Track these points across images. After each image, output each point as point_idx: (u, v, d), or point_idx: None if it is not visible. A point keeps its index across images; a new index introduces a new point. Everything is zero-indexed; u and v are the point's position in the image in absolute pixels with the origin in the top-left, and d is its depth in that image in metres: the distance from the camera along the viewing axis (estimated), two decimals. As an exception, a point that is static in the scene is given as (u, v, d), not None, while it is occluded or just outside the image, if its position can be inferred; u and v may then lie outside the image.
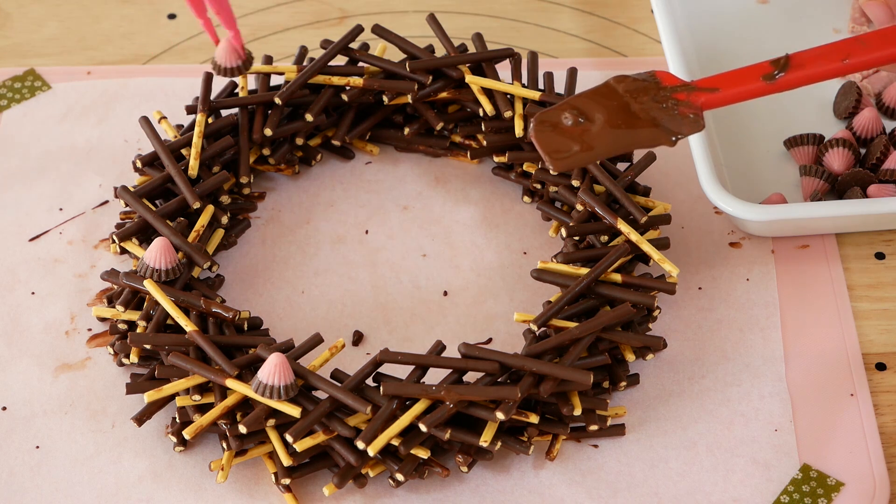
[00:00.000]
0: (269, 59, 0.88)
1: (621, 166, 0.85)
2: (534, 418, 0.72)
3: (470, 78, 0.85)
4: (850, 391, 0.77)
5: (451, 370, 0.73)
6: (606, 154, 0.66)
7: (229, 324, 0.76)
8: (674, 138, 0.65)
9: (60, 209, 0.85)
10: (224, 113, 0.85)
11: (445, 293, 0.82)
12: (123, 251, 0.80)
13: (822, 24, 0.96)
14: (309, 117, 0.84)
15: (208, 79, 0.84)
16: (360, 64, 0.86)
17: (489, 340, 0.79)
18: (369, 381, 0.74)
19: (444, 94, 0.86)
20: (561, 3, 0.99)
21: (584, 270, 0.77)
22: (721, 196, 0.81)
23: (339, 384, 0.72)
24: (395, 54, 0.88)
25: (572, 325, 0.75)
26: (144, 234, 0.80)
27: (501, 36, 0.96)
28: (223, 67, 0.82)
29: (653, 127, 0.65)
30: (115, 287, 0.78)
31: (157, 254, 0.76)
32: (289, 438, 0.70)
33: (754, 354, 0.79)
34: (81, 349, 0.79)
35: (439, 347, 0.74)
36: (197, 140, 0.81)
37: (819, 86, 0.90)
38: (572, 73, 0.86)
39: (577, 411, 0.73)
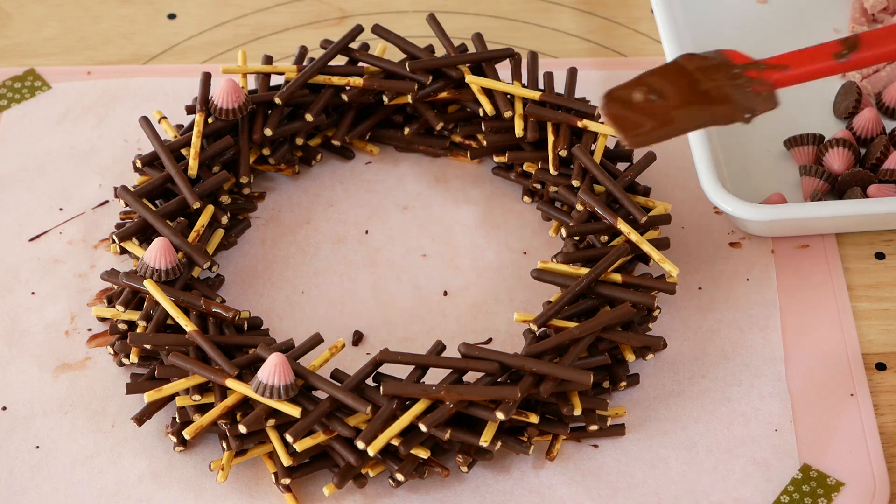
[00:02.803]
0: (269, 59, 0.88)
1: (621, 166, 0.85)
2: (534, 418, 0.72)
3: (470, 78, 0.85)
4: (850, 391, 0.77)
5: (451, 370, 0.73)
6: (683, 130, 0.65)
7: (229, 324, 0.76)
8: (747, 115, 0.65)
9: (60, 209, 0.85)
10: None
11: (445, 293, 0.82)
12: (123, 251, 0.80)
13: (822, 24, 0.96)
14: (309, 117, 0.84)
15: (207, 79, 0.84)
16: (360, 64, 0.86)
17: (489, 340, 0.79)
18: (369, 381, 0.74)
19: (444, 94, 0.86)
20: (561, 3, 0.99)
21: (584, 270, 0.77)
22: (721, 196, 0.81)
23: (339, 384, 0.72)
24: (395, 54, 0.88)
25: (572, 325, 0.75)
26: (144, 234, 0.80)
27: (501, 36, 0.96)
28: (220, 108, 0.82)
29: (727, 104, 0.65)
30: (115, 287, 0.78)
31: (157, 254, 0.76)
32: (289, 438, 0.70)
33: (754, 354, 0.79)
34: (81, 349, 0.79)
35: (439, 347, 0.74)
36: (196, 140, 0.81)
37: (819, 86, 0.90)
38: (572, 73, 0.86)
39: (577, 411, 0.73)
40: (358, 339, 0.80)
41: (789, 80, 0.66)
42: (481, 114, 0.85)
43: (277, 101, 0.84)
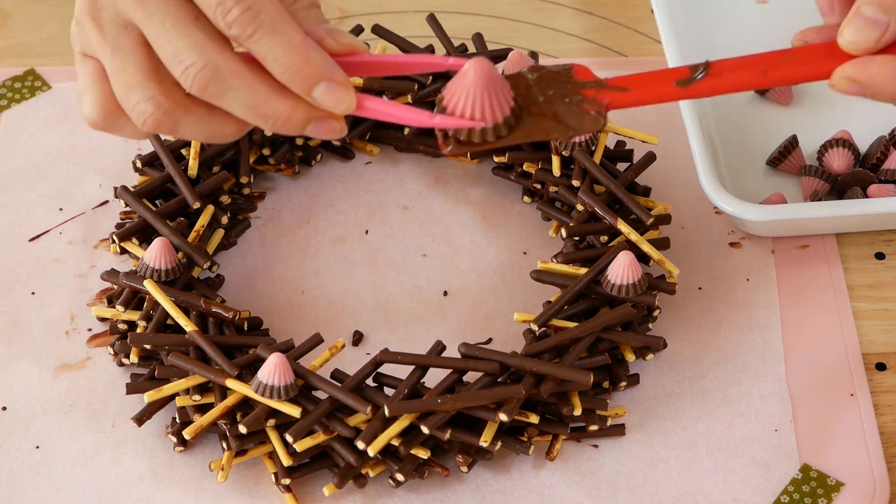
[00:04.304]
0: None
1: (621, 166, 0.85)
2: (534, 418, 0.72)
3: (470, 78, 0.85)
4: (850, 391, 0.77)
5: (451, 370, 0.73)
6: (508, 142, 0.65)
7: (229, 324, 0.76)
8: (570, 133, 0.64)
9: (60, 209, 0.85)
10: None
11: (445, 293, 0.82)
12: (123, 251, 0.80)
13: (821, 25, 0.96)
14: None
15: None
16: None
17: (489, 340, 0.79)
18: (369, 381, 0.74)
19: (444, 94, 0.86)
20: (561, 3, 0.99)
21: (584, 270, 0.77)
22: (721, 196, 0.81)
23: (339, 384, 0.72)
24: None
25: (572, 325, 0.75)
26: (144, 234, 0.80)
27: (501, 36, 0.96)
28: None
29: (553, 119, 0.64)
30: (115, 287, 0.78)
31: (157, 254, 0.76)
32: (289, 438, 0.70)
33: (754, 354, 0.79)
34: (81, 349, 0.79)
35: (439, 347, 0.74)
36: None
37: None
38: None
39: (577, 411, 0.73)
40: (358, 339, 0.80)
41: (624, 102, 0.65)
42: (481, 114, 0.85)
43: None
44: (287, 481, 0.72)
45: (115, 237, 0.79)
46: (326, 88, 0.62)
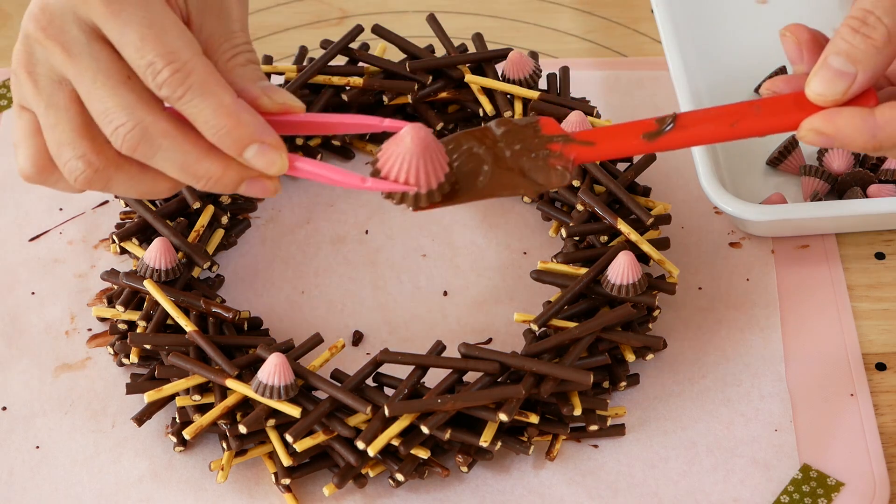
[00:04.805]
0: (268, 59, 0.88)
1: (621, 166, 0.85)
2: (534, 418, 0.72)
3: (470, 78, 0.85)
4: (850, 391, 0.77)
5: (451, 370, 0.73)
6: (473, 198, 0.64)
7: (229, 324, 0.76)
8: (536, 188, 0.64)
9: (60, 209, 0.85)
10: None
11: (445, 293, 0.82)
12: (123, 251, 0.80)
13: (822, 25, 0.96)
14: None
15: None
16: (360, 64, 0.86)
17: (489, 340, 0.79)
18: (369, 381, 0.74)
19: (444, 94, 0.86)
20: (561, 3, 0.99)
21: (584, 270, 0.77)
22: (721, 196, 0.81)
23: (339, 384, 0.72)
24: (395, 54, 0.88)
25: (572, 325, 0.75)
26: (144, 234, 0.80)
27: (501, 36, 0.96)
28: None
29: (519, 175, 0.64)
30: (115, 287, 0.78)
31: (157, 254, 0.76)
32: (289, 438, 0.70)
33: (754, 354, 0.79)
34: (81, 349, 0.79)
35: (439, 347, 0.74)
36: (197, 140, 0.81)
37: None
38: (565, 72, 0.86)
39: (577, 411, 0.73)
40: (358, 339, 0.80)
41: (590, 156, 0.65)
42: (481, 114, 0.85)
43: (277, 101, 0.84)
44: (287, 481, 0.72)
45: (115, 237, 0.79)
46: (258, 150, 0.62)
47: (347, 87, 0.85)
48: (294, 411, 0.70)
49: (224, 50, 0.64)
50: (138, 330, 0.76)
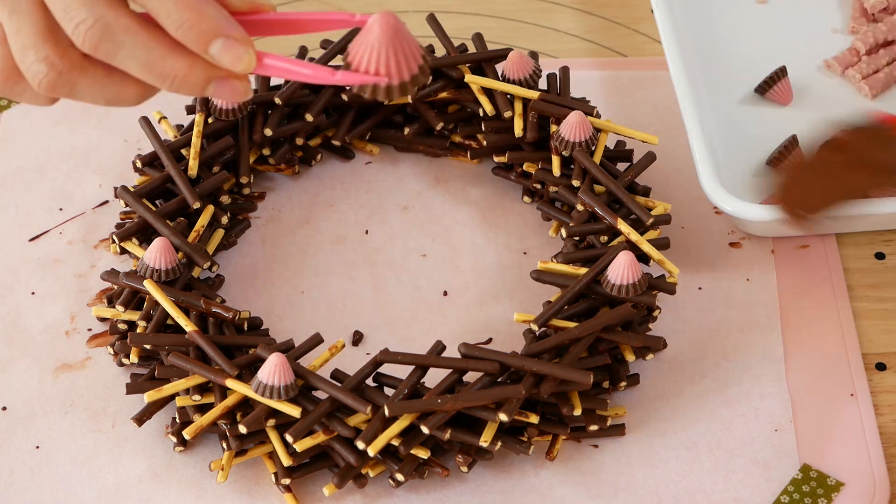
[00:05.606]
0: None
1: (621, 166, 0.85)
2: (534, 418, 0.72)
3: (470, 78, 0.85)
4: (850, 391, 0.77)
5: (451, 370, 0.73)
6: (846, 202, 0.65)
7: (229, 324, 0.76)
8: None
9: (60, 209, 0.85)
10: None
11: (445, 293, 0.82)
12: (123, 251, 0.80)
13: (822, 24, 0.96)
14: (309, 117, 0.84)
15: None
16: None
17: (489, 340, 0.79)
18: (369, 381, 0.74)
19: (444, 94, 0.86)
20: (561, 3, 0.99)
21: (584, 270, 0.77)
22: (721, 196, 0.81)
23: (339, 384, 0.72)
24: (395, 54, 0.88)
25: (572, 325, 0.75)
26: (144, 234, 0.80)
27: (501, 36, 0.96)
28: (220, 108, 0.82)
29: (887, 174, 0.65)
30: (115, 287, 0.78)
31: (157, 254, 0.76)
32: (289, 438, 0.70)
33: (754, 354, 0.79)
34: (81, 349, 0.79)
35: (439, 347, 0.74)
36: (196, 140, 0.81)
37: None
38: (565, 72, 0.86)
39: (577, 411, 0.73)
40: (358, 339, 0.80)
41: None
42: (481, 114, 0.85)
43: (277, 101, 0.84)
44: (287, 481, 0.72)
45: (115, 237, 0.79)
46: (223, 45, 0.60)
47: (347, 87, 0.85)
48: (294, 411, 0.70)
49: None
50: (138, 330, 0.76)
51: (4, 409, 0.76)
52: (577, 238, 0.80)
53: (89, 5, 0.60)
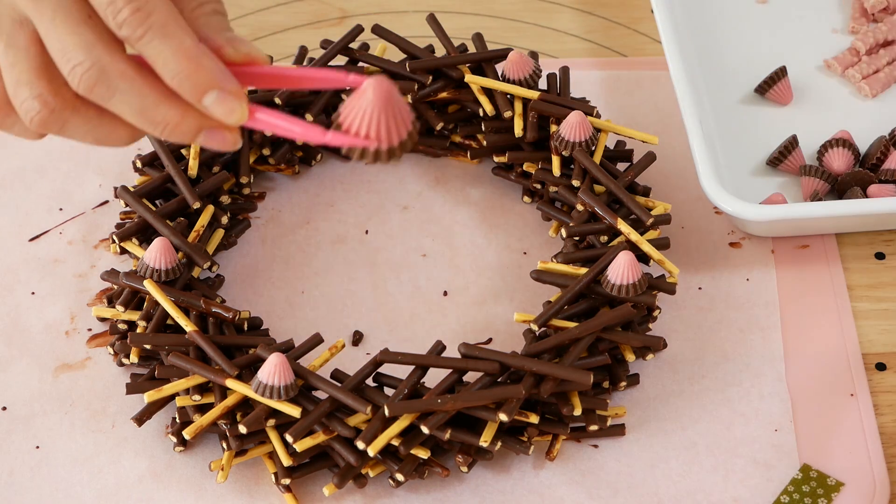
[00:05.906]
0: (268, 59, 0.88)
1: (621, 166, 0.85)
2: (534, 418, 0.72)
3: (470, 78, 0.85)
4: (850, 391, 0.77)
5: (451, 370, 0.73)
6: None
7: (229, 324, 0.76)
8: None
9: (60, 209, 0.85)
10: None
11: (445, 293, 0.82)
12: (123, 251, 0.80)
13: (822, 24, 0.96)
14: (309, 117, 0.84)
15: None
16: (360, 64, 0.86)
17: (489, 340, 0.79)
18: (369, 381, 0.74)
19: (444, 94, 0.86)
20: (561, 3, 0.99)
21: (584, 270, 0.77)
22: (721, 196, 0.81)
23: (339, 384, 0.72)
24: (395, 54, 0.88)
25: (572, 325, 0.75)
26: (144, 234, 0.80)
27: (501, 36, 0.96)
28: None
29: None
30: (115, 287, 0.78)
31: (157, 254, 0.76)
32: (289, 438, 0.70)
33: (754, 354, 0.79)
34: (81, 349, 0.79)
35: (439, 347, 0.74)
36: (197, 140, 0.81)
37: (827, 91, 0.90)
38: (565, 72, 0.86)
39: (577, 411, 0.73)
40: (358, 339, 0.80)
41: None
42: (481, 114, 0.85)
43: (277, 101, 0.84)
44: (287, 481, 0.72)
45: (115, 237, 0.79)
46: (217, 97, 0.60)
47: (347, 88, 0.85)
48: (294, 411, 0.70)
49: None
50: (138, 330, 0.76)
51: (4, 409, 0.76)
52: (577, 238, 0.80)
53: (87, 48, 0.60)
